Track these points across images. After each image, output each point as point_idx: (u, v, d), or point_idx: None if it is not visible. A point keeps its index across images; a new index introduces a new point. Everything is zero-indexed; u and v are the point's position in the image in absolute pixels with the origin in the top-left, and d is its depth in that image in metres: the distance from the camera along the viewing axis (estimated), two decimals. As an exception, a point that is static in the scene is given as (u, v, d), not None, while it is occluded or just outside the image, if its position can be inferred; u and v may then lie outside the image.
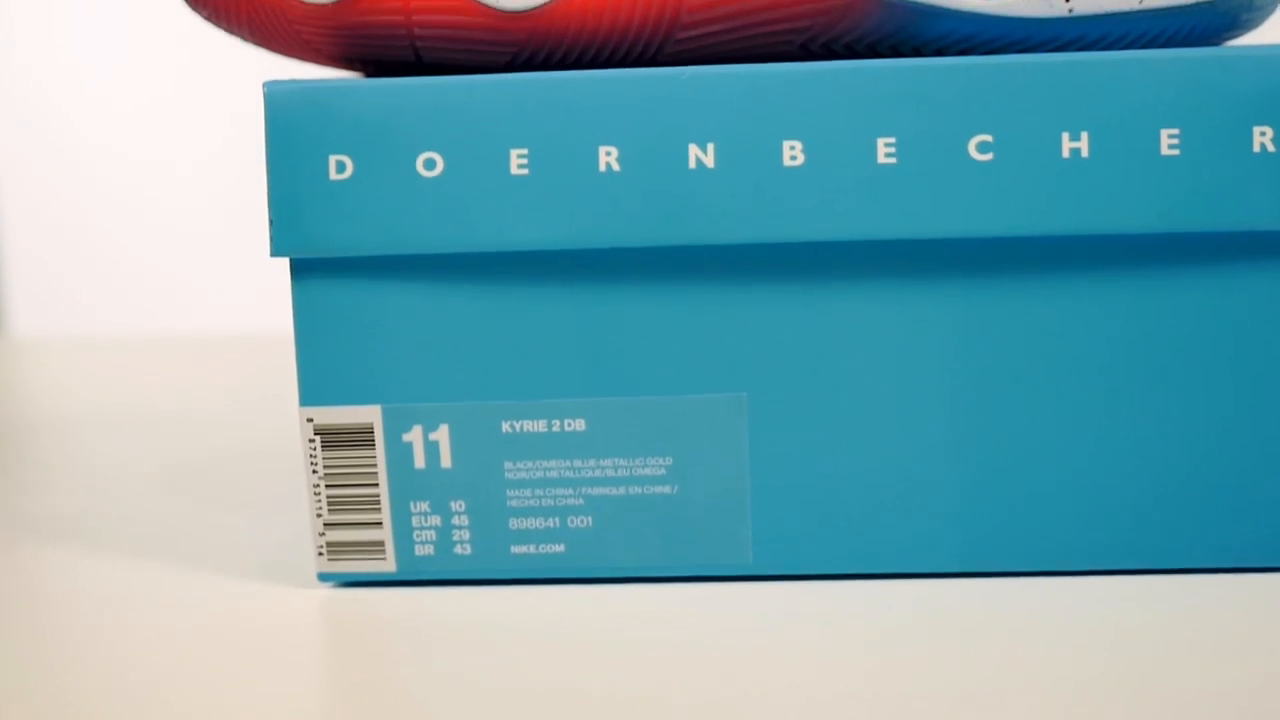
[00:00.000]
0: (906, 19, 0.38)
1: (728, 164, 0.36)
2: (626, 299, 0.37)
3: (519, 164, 0.36)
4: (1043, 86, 0.35)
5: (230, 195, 0.89)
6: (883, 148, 0.36)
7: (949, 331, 0.37)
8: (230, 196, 0.89)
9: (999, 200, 0.36)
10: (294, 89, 0.36)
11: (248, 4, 0.38)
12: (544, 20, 0.37)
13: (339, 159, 0.36)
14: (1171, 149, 0.35)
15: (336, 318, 0.37)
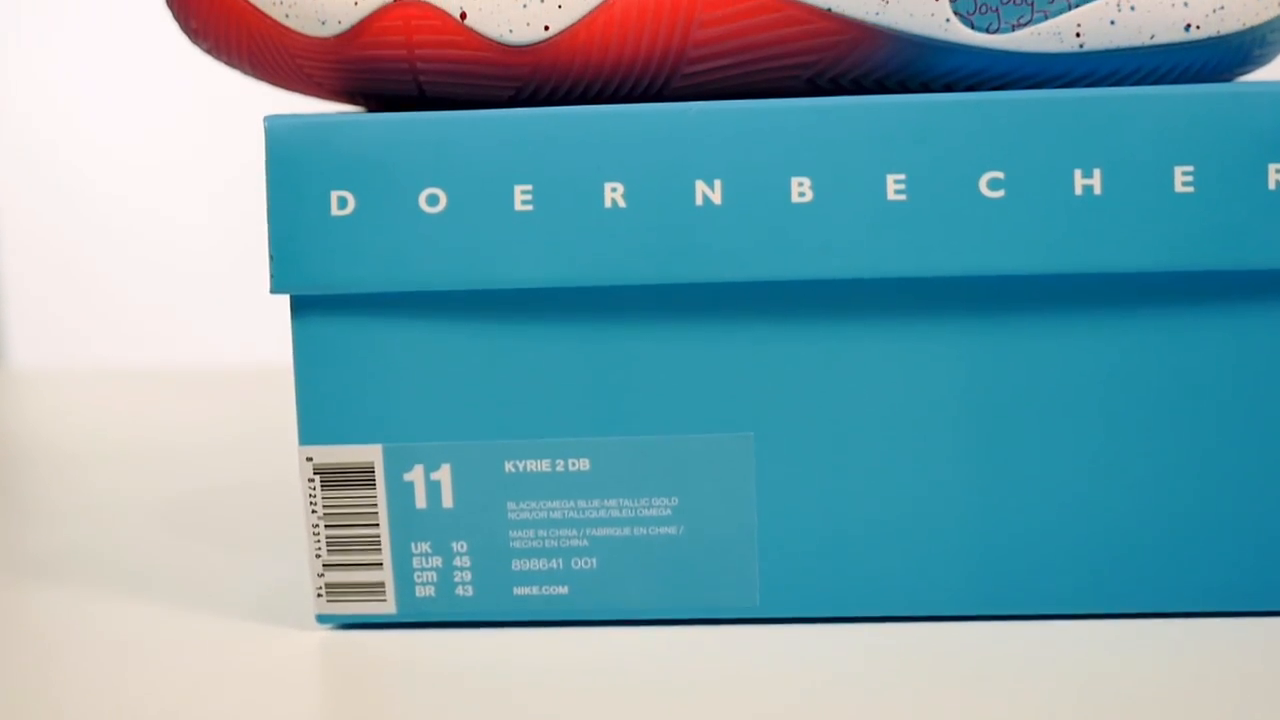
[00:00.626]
0: (915, 54, 0.37)
1: (735, 201, 0.35)
2: (632, 337, 0.36)
3: (523, 200, 0.36)
4: (1055, 123, 0.35)
5: (231, 227, 0.89)
6: (892, 184, 0.35)
7: (960, 371, 0.36)
8: (231, 228, 0.89)
9: (1011, 238, 0.35)
10: (295, 123, 0.36)
11: (248, 37, 0.38)
12: (548, 54, 0.37)
13: (340, 194, 0.36)
14: (1185, 186, 0.35)
15: (337, 355, 0.36)
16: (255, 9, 0.38)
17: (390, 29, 0.37)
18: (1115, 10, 0.37)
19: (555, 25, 0.37)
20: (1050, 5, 0.37)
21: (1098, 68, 0.37)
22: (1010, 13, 0.37)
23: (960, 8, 0.37)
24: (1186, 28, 0.37)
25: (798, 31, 0.37)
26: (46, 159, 0.92)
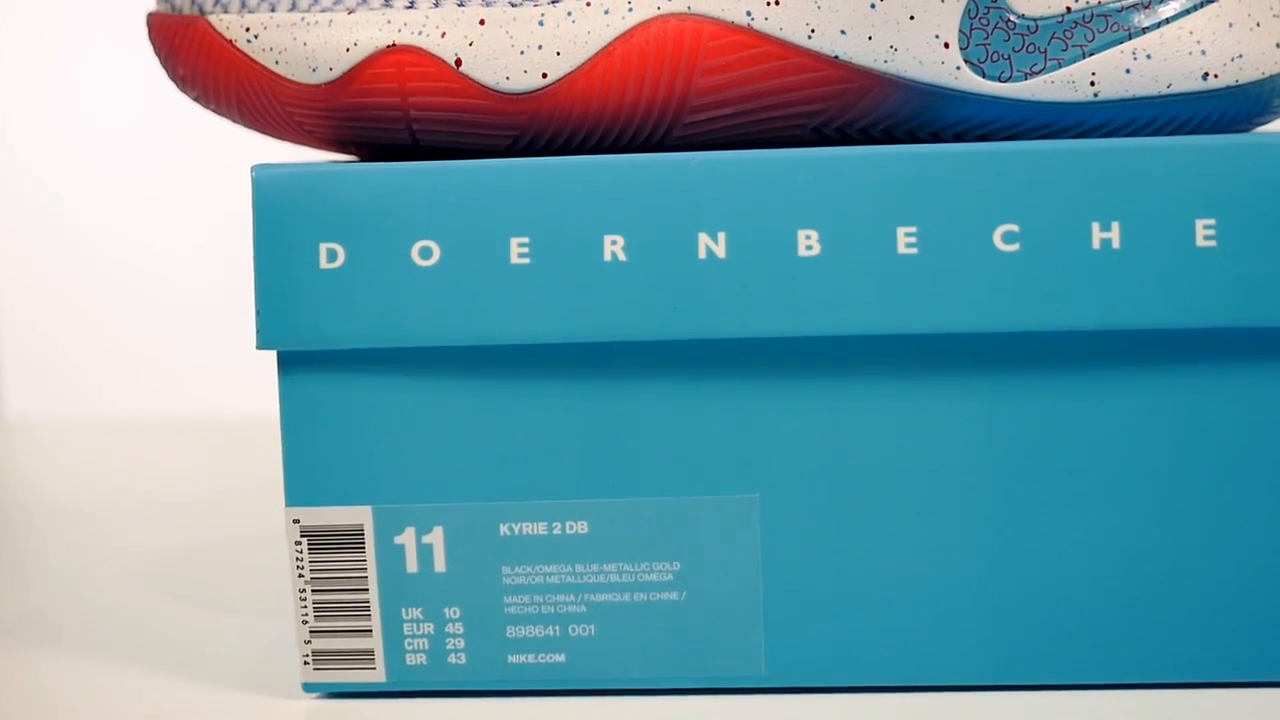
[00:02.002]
0: (925, 102, 0.36)
1: (739, 254, 0.34)
2: (632, 395, 0.35)
3: (519, 253, 0.34)
4: (1072, 175, 0.34)
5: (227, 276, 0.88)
6: (903, 237, 0.34)
7: (973, 431, 0.35)
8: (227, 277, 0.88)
9: (1026, 293, 0.34)
10: (283, 173, 0.35)
11: (237, 85, 0.37)
12: (546, 102, 0.36)
13: (330, 247, 0.35)
14: (1207, 240, 0.34)
15: (326, 413, 0.35)
16: (244, 55, 0.37)
17: (383, 76, 0.36)
18: (1131, 58, 0.36)
19: (554, 72, 0.36)
20: (1064, 53, 0.36)
21: (1113, 117, 0.36)
22: (1022, 61, 0.36)
23: (971, 56, 0.36)
24: (1204, 76, 0.36)
25: (804, 79, 0.36)
26: (43, 208, 0.92)
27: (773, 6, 0.36)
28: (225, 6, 0.38)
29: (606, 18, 0.36)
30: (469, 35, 0.36)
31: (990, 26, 0.36)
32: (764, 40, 0.36)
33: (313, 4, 0.37)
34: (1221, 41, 0.36)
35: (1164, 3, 0.36)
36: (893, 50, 0.36)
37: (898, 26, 0.36)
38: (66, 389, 0.92)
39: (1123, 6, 0.36)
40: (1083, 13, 0.36)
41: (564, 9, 0.36)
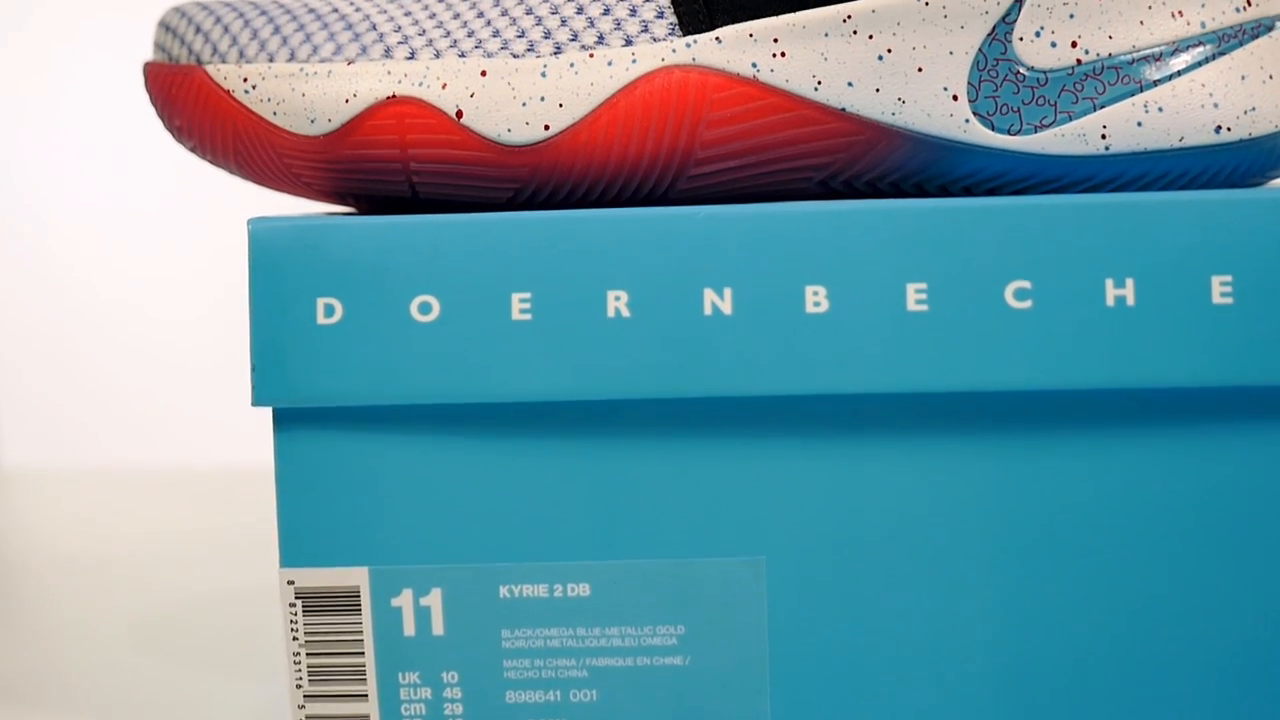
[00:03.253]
0: (933, 155, 0.36)
1: (746, 310, 0.34)
2: (636, 454, 0.34)
3: (521, 309, 0.34)
4: (1085, 230, 0.33)
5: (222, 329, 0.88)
6: (913, 294, 0.33)
7: (985, 492, 0.34)
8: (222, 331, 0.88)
9: (1038, 351, 0.33)
10: (280, 226, 0.34)
11: (234, 136, 0.37)
12: (548, 155, 0.35)
13: (327, 302, 0.34)
14: (1224, 297, 0.33)
15: (322, 472, 0.34)
16: (241, 106, 0.36)
17: (383, 127, 0.35)
18: (1143, 111, 0.35)
19: (556, 124, 0.35)
20: (1074, 106, 0.35)
21: (1125, 170, 0.36)
22: (1032, 113, 0.35)
23: (980, 108, 0.35)
24: (1217, 130, 0.35)
25: (811, 131, 0.36)
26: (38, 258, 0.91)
27: (779, 58, 0.35)
28: (223, 56, 0.37)
29: (610, 69, 0.35)
30: (470, 86, 0.35)
31: (999, 79, 0.35)
32: (770, 92, 0.35)
33: (312, 54, 0.36)
34: (1234, 94, 0.35)
35: (1175, 55, 0.35)
36: (900, 103, 0.35)
37: (906, 79, 0.35)
38: (62, 440, 0.92)
39: (1134, 59, 0.35)
40: (1093, 65, 0.35)
41: (567, 60, 0.35)
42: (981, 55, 0.35)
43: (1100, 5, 0.35)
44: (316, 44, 0.36)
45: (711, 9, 0.36)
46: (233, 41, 0.37)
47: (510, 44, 0.36)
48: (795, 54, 0.35)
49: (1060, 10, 0.35)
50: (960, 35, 0.35)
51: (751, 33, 0.35)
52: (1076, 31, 0.35)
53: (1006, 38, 0.35)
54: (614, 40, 0.36)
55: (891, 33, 0.35)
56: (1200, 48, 0.36)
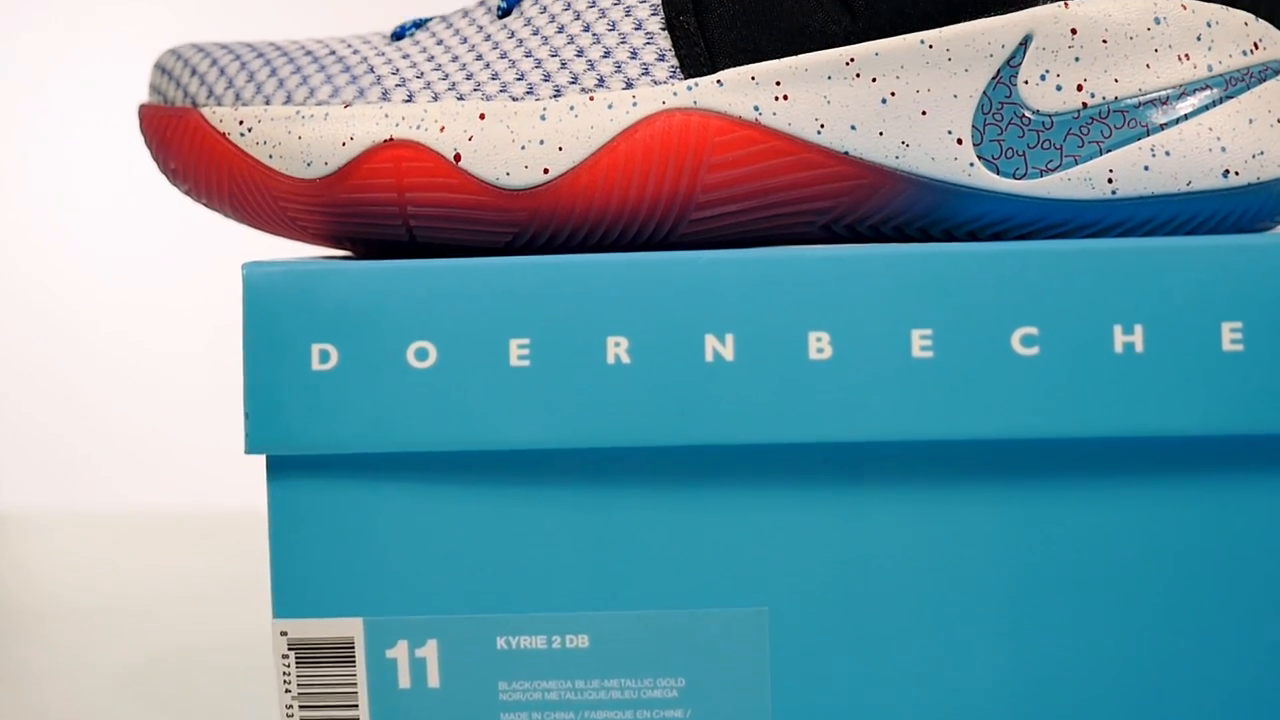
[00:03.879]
0: (937, 200, 0.35)
1: (748, 357, 0.33)
2: (636, 503, 0.34)
3: (519, 355, 0.33)
4: (1093, 276, 0.33)
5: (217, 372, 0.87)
6: (918, 340, 0.33)
7: (991, 541, 0.34)
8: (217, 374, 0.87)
9: (1046, 398, 0.33)
10: (275, 271, 0.34)
11: (229, 179, 0.36)
12: (547, 199, 0.35)
13: (322, 348, 0.33)
14: (1234, 344, 0.33)
15: (316, 521, 0.34)
16: (237, 149, 0.36)
17: (380, 171, 0.35)
18: (1150, 155, 0.35)
19: (555, 168, 0.35)
20: (1080, 149, 0.35)
21: (1132, 215, 0.35)
22: (1038, 157, 0.35)
23: (985, 152, 0.35)
24: (1225, 174, 0.35)
25: (813, 175, 0.35)
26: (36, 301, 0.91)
27: (781, 101, 0.35)
28: (219, 99, 0.37)
29: (610, 112, 0.35)
30: (468, 130, 0.35)
31: (1004, 122, 0.35)
32: (772, 135, 0.35)
33: (308, 97, 0.36)
34: (1242, 138, 0.35)
35: (1182, 98, 0.35)
36: (904, 146, 0.35)
37: (909, 122, 0.35)
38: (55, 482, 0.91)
39: (1140, 102, 0.35)
40: (1099, 108, 0.35)
41: (566, 103, 0.35)
42: (986, 98, 0.35)
43: (1106, 48, 0.35)
44: (313, 87, 0.36)
45: (713, 51, 0.35)
46: (229, 84, 0.37)
47: (509, 87, 0.35)
48: (798, 97, 0.35)
49: (1065, 53, 0.35)
50: (964, 78, 0.35)
51: (754, 75, 0.35)
52: (1082, 74, 0.35)
53: (1011, 81, 0.35)
54: (614, 83, 0.35)
55: (895, 76, 0.35)
56: (1207, 91, 0.35)
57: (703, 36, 0.35)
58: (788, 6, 0.35)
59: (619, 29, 0.36)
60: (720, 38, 0.35)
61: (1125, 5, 0.35)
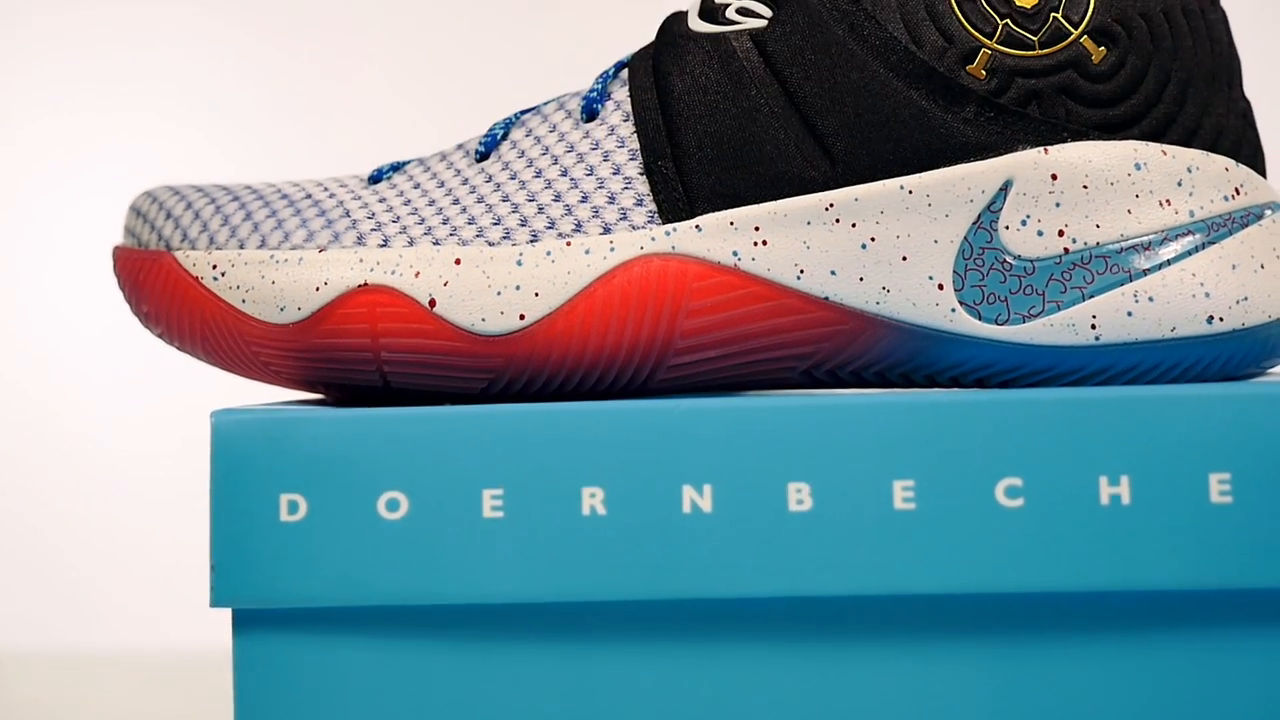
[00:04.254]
0: (919, 345, 0.35)
1: (726, 509, 0.32)
2: (612, 657, 0.33)
3: (493, 506, 0.33)
4: (1078, 426, 0.32)
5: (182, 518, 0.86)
6: (899, 491, 0.32)
7: (976, 698, 0.33)
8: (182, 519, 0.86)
9: (1030, 551, 0.32)
10: (244, 420, 0.33)
11: (202, 323, 0.36)
12: (523, 345, 0.34)
13: (291, 498, 0.33)
14: (1222, 496, 0.32)
15: (283, 676, 0.33)
16: (210, 294, 0.35)
17: (354, 316, 0.34)
18: (1133, 301, 0.34)
19: (531, 314, 0.34)
20: (1062, 295, 0.35)
21: (1116, 361, 0.35)
22: (1020, 303, 0.35)
23: (966, 297, 0.35)
24: (1209, 320, 0.35)
25: (793, 321, 0.35)
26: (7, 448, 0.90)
27: (760, 247, 0.35)
28: (193, 243, 0.36)
29: (588, 257, 0.35)
30: (444, 275, 0.34)
31: (986, 268, 0.35)
32: (751, 281, 0.35)
33: (283, 241, 0.36)
34: (1225, 284, 0.35)
35: (1165, 244, 0.35)
36: (885, 291, 0.35)
37: (890, 267, 0.35)
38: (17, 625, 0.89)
39: (1122, 248, 0.35)
40: (1081, 254, 0.35)
41: (543, 248, 0.35)
42: (967, 244, 0.35)
43: (1086, 194, 0.35)
44: (288, 230, 0.36)
45: (691, 196, 0.35)
46: (203, 227, 0.36)
47: (485, 231, 0.35)
48: (777, 242, 0.35)
49: (1046, 199, 0.35)
50: (945, 224, 0.35)
51: (732, 220, 0.35)
52: (1063, 220, 0.35)
53: (992, 226, 0.35)
54: (592, 228, 0.35)
55: (875, 221, 0.35)
56: (1190, 236, 0.35)
57: (681, 181, 0.35)
58: (766, 152, 0.35)
59: (597, 174, 0.35)
60: (698, 183, 0.35)
61: (1105, 151, 0.35)
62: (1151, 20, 0.35)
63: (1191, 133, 0.36)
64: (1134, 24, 0.35)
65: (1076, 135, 0.35)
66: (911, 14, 0.35)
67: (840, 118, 0.35)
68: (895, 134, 0.35)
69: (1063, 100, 0.35)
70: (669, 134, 0.35)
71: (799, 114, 0.35)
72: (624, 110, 0.36)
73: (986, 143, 0.35)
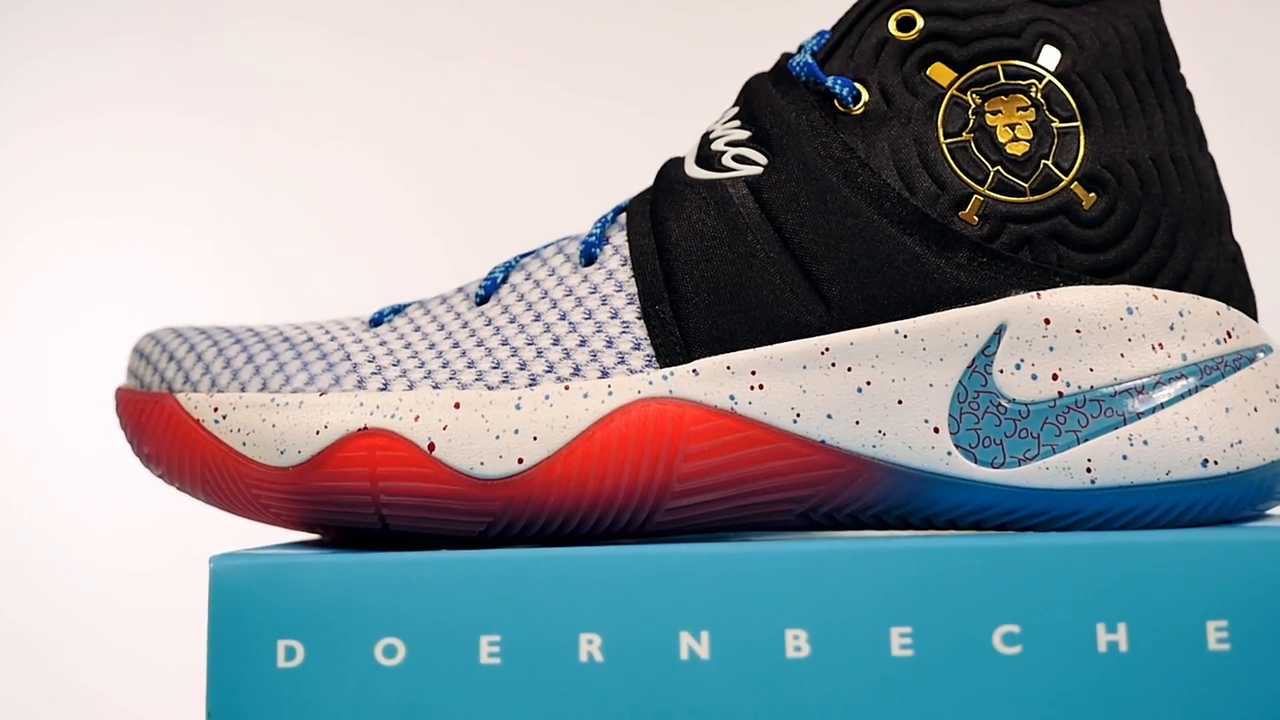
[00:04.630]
0: (915, 488, 0.35)
1: (724, 655, 0.32)
2: (609, 807, 0.32)
3: (490, 652, 0.32)
4: (1076, 572, 0.32)
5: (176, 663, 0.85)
6: (897, 638, 0.32)
7: None
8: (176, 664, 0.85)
9: (1028, 698, 0.32)
10: (243, 565, 0.33)
11: (202, 465, 0.36)
12: (522, 488, 0.34)
13: (288, 644, 0.32)
14: (1220, 643, 0.32)
15: (277, 825, 0.32)
16: (211, 437, 0.36)
17: (353, 460, 0.35)
18: (1128, 445, 0.35)
19: (530, 458, 0.34)
20: (1057, 439, 0.35)
21: (1112, 505, 0.35)
22: (1015, 446, 0.35)
23: (962, 441, 0.35)
24: (1204, 463, 0.35)
25: (790, 464, 0.35)
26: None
27: (757, 390, 0.35)
28: (195, 385, 0.37)
29: (586, 401, 0.35)
30: (443, 419, 0.35)
31: (981, 411, 0.35)
32: (748, 425, 0.35)
33: (284, 384, 0.36)
34: (1219, 427, 0.35)
35: (1158, 387, 0.35)
36: (881, 435, 0.35)
37: (885, 411, 0.35)
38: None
39: (1116, 391, 0.35)
40: (1075, 397, 0.35)
41: (542, 392, 0.35)
42: (962, 387, 0.35)
43: (1080, 338, 0.35)
44: (289, 373, 0.36)
45: (688, 340, 0.35)
46: (205, 370, 0.37)
47: (485, 375, 0.35)
48: (773, 386, 0.35)
49: (1039, 343, 0.35)
50: (940, 367, 0.35)
51: (729, 365, 0.35)
52: (1057, 364, 0.35)
53: (986, 370, 0.35)
54: (590, 372, 0.35)
55: (870, 365, 0.35)
56: (1183, 380, 0.35)
57: (678, 326, 0.35)
58: (762, 296, 0.35)
59: (595, 318, 0.36)
60: (695, 327, 0.35)
61: (1097, 295, 0.35)
62: (1140, 167, 0.36)
63: (1182, 277, 0.36)
64: (1123, 171, 0.36)
65: (1069, 280, 0.35)
66: (905, 161, 0.36)
67: (835, 263, 0.35)
68: (890, 279, 0.35)
69: (1054, 245, 0.35)
70: (666, 279, 0.36)
71: (794, 259, 0.35)
72: (622, 255, 0.37)
73: (980, 287, 0.35)
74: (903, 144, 0.36)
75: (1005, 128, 0.36)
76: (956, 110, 0.36)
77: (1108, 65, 0.36)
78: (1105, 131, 0.36)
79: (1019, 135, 0.36)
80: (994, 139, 0.36)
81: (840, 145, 0.36)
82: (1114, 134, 0.36)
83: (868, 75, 0.36)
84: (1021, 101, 0.36)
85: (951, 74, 0.36)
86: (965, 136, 0.36)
